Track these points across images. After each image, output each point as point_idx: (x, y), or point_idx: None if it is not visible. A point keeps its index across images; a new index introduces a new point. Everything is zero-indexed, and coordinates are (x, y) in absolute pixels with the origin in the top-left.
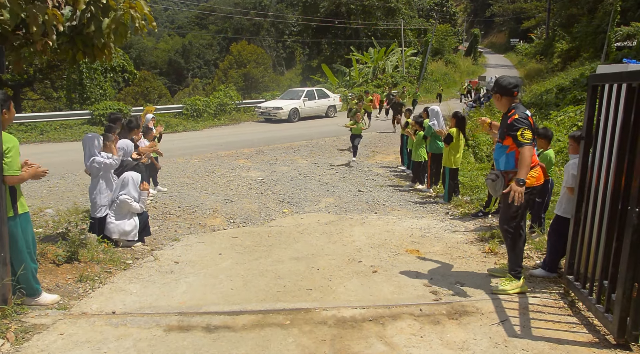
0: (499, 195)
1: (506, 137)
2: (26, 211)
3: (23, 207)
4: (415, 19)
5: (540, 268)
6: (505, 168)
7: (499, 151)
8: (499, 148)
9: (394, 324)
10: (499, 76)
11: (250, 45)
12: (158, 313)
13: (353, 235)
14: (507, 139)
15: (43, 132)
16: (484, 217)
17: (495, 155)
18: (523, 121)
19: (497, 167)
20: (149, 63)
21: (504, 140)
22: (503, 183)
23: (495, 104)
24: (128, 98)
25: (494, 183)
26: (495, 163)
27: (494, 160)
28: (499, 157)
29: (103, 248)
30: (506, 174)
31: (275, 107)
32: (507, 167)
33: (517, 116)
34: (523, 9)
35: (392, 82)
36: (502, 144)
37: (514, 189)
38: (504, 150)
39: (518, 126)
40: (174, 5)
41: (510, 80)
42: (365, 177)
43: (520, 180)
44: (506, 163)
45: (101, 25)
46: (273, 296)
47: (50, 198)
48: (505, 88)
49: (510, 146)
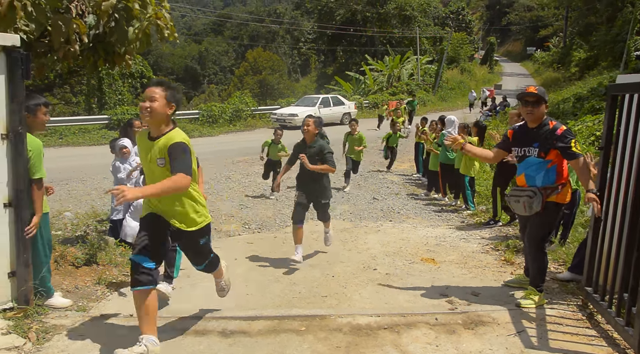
0: (533, 212)
1: (551, 151)
2: (46, 212)
3: (45, 207)
4: (430, 27)
5: (568, 270)
6: (543, 184)
7: (537, 167)
8: (537, 164)
9: (409, 332)
10: (537, 87)
11: (265, 52)
12: (174, 316)
13: (368, 242)
14: (551, 153)
15: (62, 136)
16: (495, 225)
17: (530, 171)
18: (572, 132)
19: (531, 183)
20: (166, 70)
21: (547, 154)
22: (541, 200)
23: (531, 116)
24: None
25: (531, 201)
26: (528, 179)
27: (526, 177)
28: (536, 174)
29: (120, 252)
30: (544, 190)
31: (290, 114)
32: (546, 182)
33: (565, 127)
34: (540, 17)
35: (407, 89)
36: (545, 159)
37: (594, 198)
38: (544, 165)
39: (570, 137)
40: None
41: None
42: (380, 184)
43: (593, 190)
44: (545, 178)
45: (125, 34)
46: (288, 302)
47: (69, 201)
48: (545, 98)
49: (553, 160)
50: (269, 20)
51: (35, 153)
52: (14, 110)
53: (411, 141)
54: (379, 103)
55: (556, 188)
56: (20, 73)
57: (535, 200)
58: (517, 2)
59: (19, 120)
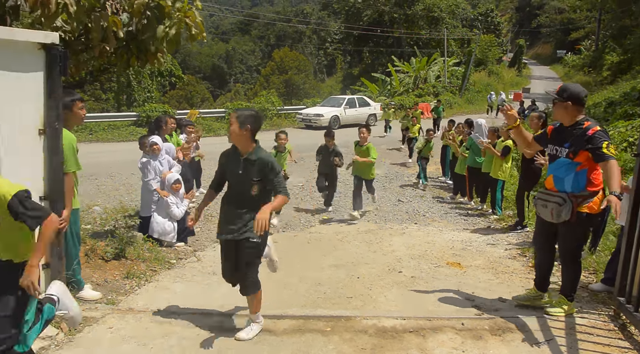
0: (561, 221)
1: (581, 152)
2: (77, 207)
3: (75, 203)
4: (458, 29)
5: (601, 282)
6: (572, 190)
7: (566, 168)
8: (566, 165)
9: (435, 336)
10: (565, 83)
11: (292, 52)
12: (201, 312)
13: (393, 244)
14: (581, 154)
15: (92, 132)
16: (522, 231)
17: (559, 172)
18: (606, 134)
19: (560, 188)
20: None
21: (576, 156)
22: (571, 208)
23: (558, 114)
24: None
25: (559, 208)
26: (557, 182)
27: (554, 179)
28: (565, 176)
29: (148, 247)
30: (575, 198)
31: (316, 114)
32: (577, 188)
33: (598, 128)
34: (571, 19)
35: (434, 91)
36: (573, 160)
37: (614, 202)
38: (573, 167)
39: (602, 139)
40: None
41: (581, 88)
42: (405, 186)
43: (618, 194)
44: (575, 182)
45: (156, 32)
46: (313, 302)
47: (98, 196)
48: (577, 96)
49: (582, 163)
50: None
51: (67, 147)
52: (51, 106)
53: (437, 144)
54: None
55: (588, 197)
56: (58, 70)
57: (565, 209)
58: (548, 4)
59: (56, 116)
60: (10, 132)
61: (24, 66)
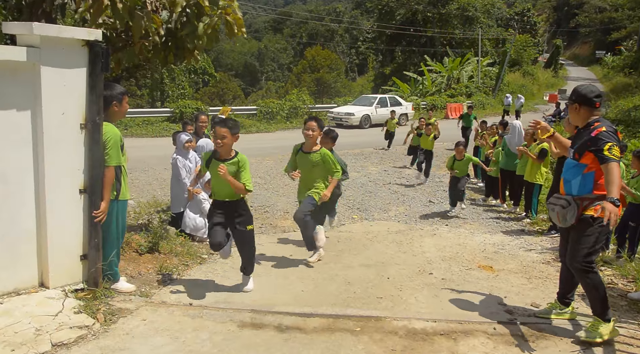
0: (568, 225)
1: (586, 154)
2: (126, 199)
3: (124, 195)
4: (493, 28)
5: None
6: (579, 193)
7: (573, 170)
8: (573, 167)
9: (466, 340)
10: (579, 85)
11: (324, 51)
12: (232, 308)
13: (423, 245)
14: (586, 156)
15: (127, 127)
16: (556, 235)
17: (567, 175)
18: (611, 135)
19: (568, 191)
20: (226, 65)
21: (581, 157)
22: (575, 212)
23: (571, 116)
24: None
25: (564, 211)
26: (565, 185)
27: (564, 182)
28: (572, 178)
29: (180, 242)
30: (580, 201)
31: (347, 113)
32: (582, 191)
33: (604, 129)
34: (612, 18)
35: (466, 92)
36: (579, 162)
37: (609, 209)
38: (580, 169)
39: (605, 140)
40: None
41: (592, 88)
42: (436, 187)
43: (615, 200)
44: (581, 186)
45: (195, 29)
46: (343, 302)
47: (132, 190)
48: (585, 97)
49: (589, 165)
50: (328, 19)
51: (113, 142)
52: (93, 101)
53: (470, 145)
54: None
55: (595, 200)
56: (100, 66)
57: (569, 211)
58: (588, 3)
59: (97, 110)
60: (53, 125)
61: (68, 62)
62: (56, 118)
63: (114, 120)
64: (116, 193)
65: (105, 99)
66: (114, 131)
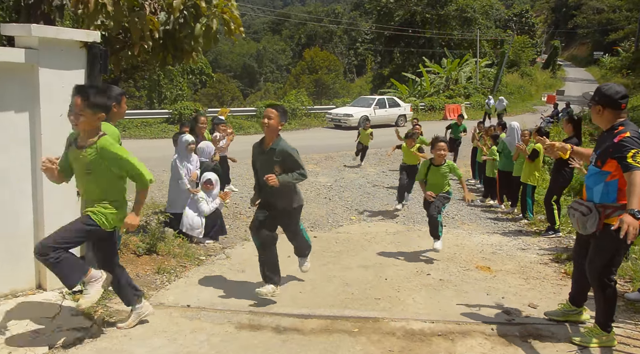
0: (588, 233)
1: (608, 161)
2: None
3: None
4: (491, 30)
5: (638, 291)
6: (601, 201)
7: (595, 177)
8: (596, 174)
9: (464, 341)
10: (600, 84)
11: (322, 52)
12: (230, 310)
13: (421, 246)
14: (609, 163)
15: (125, 129)
16: (554, 235)
17: (589, 181)
18: (636, 141)
19: (589, 198)
20: (224, 67)
21: (604, 164)
22: (597, 220)
23: (593, 118)
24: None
25: (584, 218)
26: (587, 192)
27: (586, 188)
28: (594, 185)
29: (178, 243)
30: (603, 208)
31: (345, 114)
32: (605, 198)
33: (628, 134)
34: (610, 20)
35: (465, 93)
36: (601, 169)
37: (627, 221)
38: (603, 176)
39: (629, 147)
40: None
41: (617, 89)
42: None
43: (636, 212)
44: (604, 194)
45: (193, 30)
46: (341, 303)
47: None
48: (610, 98)
49: (612, 172)
50: (327, 20)
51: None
52: None
53: (468, 146)
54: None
55: (618, 209)
56: (98, 67)
57: (590, 219)
58: (586, 4)
59: None
60: (52, 127)
61: (66, 64)
62: (54, 119)
63: (112, 121)
64: None
65: None
66: (111, 130)
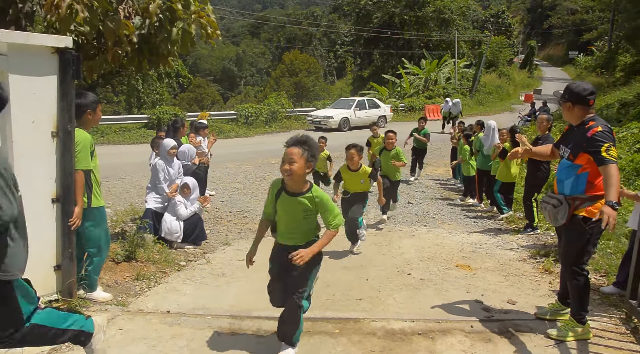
0: (559, 224)
1: (580, 154)
2: (101, 205)
3: (98, 201)
4: (469, 30)
5: (613, 285)
6: (571, 193)
7: (567, 171)
8: (567, 167)
9: (444, 339)
10: (570, 82)
11: (302, 55)
12: (210, 314)
13: (402, 246)
14: (581, 157)
15: (104, 135)
16: (532, 232)
17: (560, 175)
18: (608, 135)
19: (560, 190)
20: (204, 71)
21: (576, 158)
22: (567, 211)
23: (564, 115)
24: (183, 104)
25: (555, 210)
26: (558, 185)
27: (557, 181)
28: (566, 178)
29: (158, 249)
30: (572, 200)
31: (326, 116)
32: (575, 191)
33: (600, 129)
34: (584, 20)
35: (444, 93)
36: (573, 162)
37: (607, 213)
38: (574, 169)
39: (602, 141)
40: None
41: (585, 86)
42: (415, 189)
43: (614, 203)
44: (574, 186)
45: (170, 34)
46: (322, 305)
47: (108, 198)
48: (578, 95)
49: (584, 165)
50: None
51: (82, 145)
52: (64, 109)
53: (447, 146)
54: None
55: (587, 200)
56: (71, 73)
57: (560, 211)
58: (560, 5)
59: (69, 118)
60: (24, 134)
61: (37, 70)
62: (26, 126)
63: (87, 127)
64: (87, 201)
65: (79, 107)
66: (84, 136)
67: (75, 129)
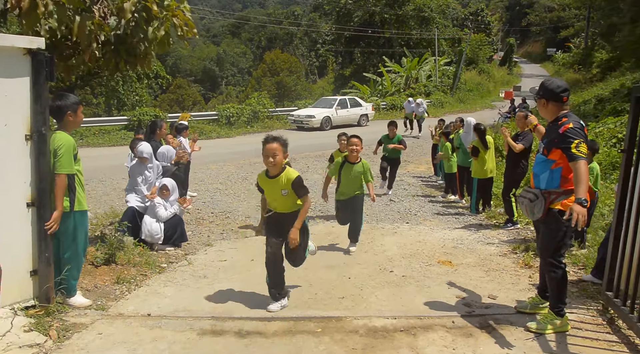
0: (536, 218)
1: (553, 150)
2: (84, 209)
3: (80, 205)
4: (449, 28)
5: (591, 274)
6: (547, 187)
7: (542, 165)
8: (542, 162)
9: (425, 335)
10: (545, 79)
11: (283, 54)
12: (192, 316)
13: (384, 244)
14: (554, 152)
15: (83, 137)
16: (512, 227)
17: (536, 169)
18: (579, 132)
19: (537, 184)
20: (184, 71)
21: (549, 153)
22: (543, 205)
23: (540, 111)
24: (164, 105)
25: (531, 204)
26: (534, 179)
27: (533, 176)
28: (541, 173)
29: (139, 252)
30: (548, 194)
31: (307, 115)
32: (550, 185)
33: (571, 125)
34: (561, 17)
35: (425, 91)
36: (547, 157)
37: (576, 211)
38: (548, 164)
39: (573, 137)
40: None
41: (558, 83)
42: (397, 186)
43: (583, 200)
44: (549, 180)
45: (146, 34)
46: (304, 304)
47: (89, 201)
48: (552, 92)
49: (557, 161)
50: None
51: (65, 149)
52: (38, 111)
53: (428, 143)
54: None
55: (562, 194)
56: (44, 75)
57: (537, 205)
58: (538, 2)
59: (43, 121)
60: None
61: (8, 71)
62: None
63: (68, 129)
64: (70, 205)
65: (60, 109)
66: (66, 138)
67: (56, 132)
